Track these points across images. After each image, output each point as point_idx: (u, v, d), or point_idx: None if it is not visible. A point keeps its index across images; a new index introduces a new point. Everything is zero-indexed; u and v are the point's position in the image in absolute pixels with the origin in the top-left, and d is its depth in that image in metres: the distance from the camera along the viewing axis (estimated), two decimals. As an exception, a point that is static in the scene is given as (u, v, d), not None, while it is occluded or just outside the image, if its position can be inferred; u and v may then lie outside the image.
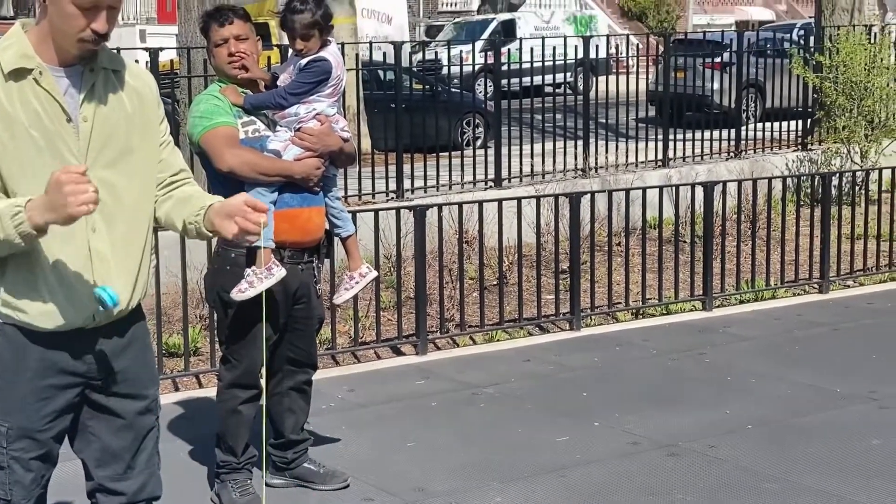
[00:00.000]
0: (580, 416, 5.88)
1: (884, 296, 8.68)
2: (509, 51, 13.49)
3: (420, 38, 29.28)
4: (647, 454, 5.33)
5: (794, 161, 12.96)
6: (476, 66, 13.13)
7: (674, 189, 8.69)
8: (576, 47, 11.93)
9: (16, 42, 2.90)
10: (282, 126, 4.57)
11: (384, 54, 12.44)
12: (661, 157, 12.33)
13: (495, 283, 8.02)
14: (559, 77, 12.29)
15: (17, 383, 2.96)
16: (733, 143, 13.12)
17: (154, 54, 8.71)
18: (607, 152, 12.03)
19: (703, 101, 13.97)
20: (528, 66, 11.71)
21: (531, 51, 11.69)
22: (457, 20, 31.61)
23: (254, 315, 4.51)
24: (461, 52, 16.28)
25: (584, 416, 5.89)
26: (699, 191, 8.46)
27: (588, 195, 8.06)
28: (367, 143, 12.45)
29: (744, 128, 13.46)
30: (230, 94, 4.51)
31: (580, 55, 12.05)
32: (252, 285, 4.44)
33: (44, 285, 2.91)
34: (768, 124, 13.63)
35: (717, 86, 14.47)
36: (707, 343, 7.34)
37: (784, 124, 13.48)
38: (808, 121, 13.64)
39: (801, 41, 14.32)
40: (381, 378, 6.68)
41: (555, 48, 11.69)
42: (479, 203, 7.60)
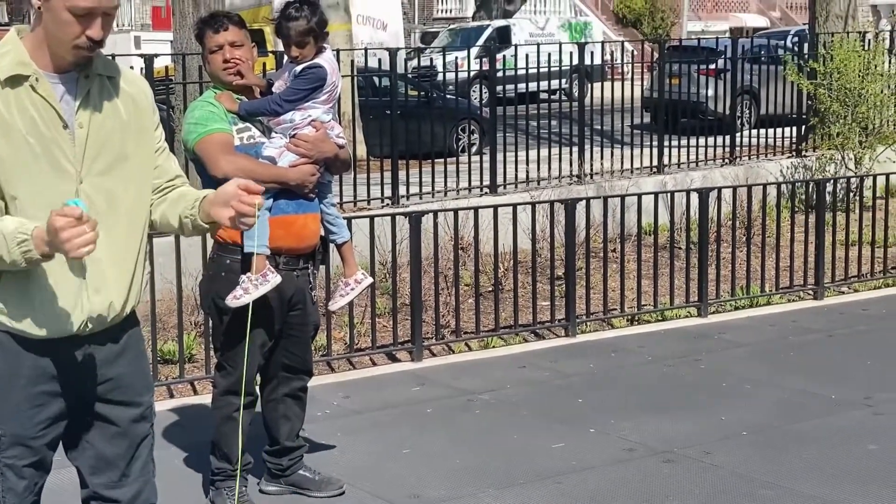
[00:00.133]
0: (576, 423, 5.88)
1: (878, 302, 8.69)
2: (504, 57, 13.53)
3: (415, 45, 29.28)
4: (643, 461, 5.32)
5: (788, 167, 12.98)
6: (471, 73, 13.15)
7: (669, 195, 8.69)
8: (571, 54, 11.98)
9: (12, 49, 2.90)
10: (277, 132, 4.57)
11: (379, 61, 12.42)
12: (656, 163, 12.35)
13: (491, 289, 8.02)
14: (554, 83, 12.32)
15: (10, 390, 2.95)
16: (728, 149, 13.15)
17: (149, 61, 8.72)
18: (602, 158, 12.03)
19: (697, 107, 13.99)
20: (524, 72, 11.73)
21: (526, 57, 11.71)
22: (452, 27, 31.59)
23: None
24: (456, 58, 16.25)
25: (580, 422, 5.89)
26: (694, 197, 8.47)
27: (583, 201, 8.06)
28: (362, 150, 12.48)
29: (738, 134, 13.48)
30: (225, 101, 4.51)
31: (575, 62, 12.07)
32: (247, 292, 4.44)
33: (37, 292, 2.90)
34: (763, 131, 13.66)
35: (711, 92, 14.51)
36: (702, 349, 7.34)
37: (778, 131, 13.50)
38: (803, 127, 13.66)
39: (796, 48, 14.35)
40: (376, 384, 6.67)
41: (550, 55, 11.71)
42: (475, 209, 7.61)
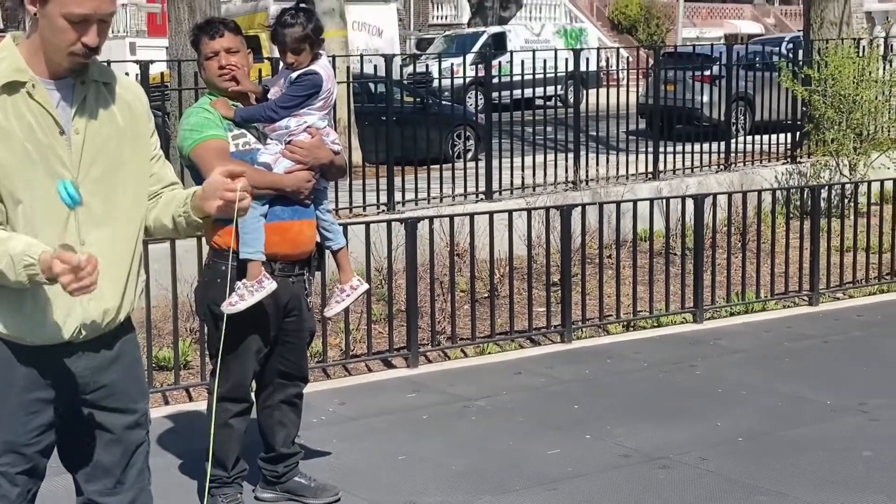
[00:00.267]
0: (571, 429, 5.88)
1: (873, 308, 8.70)
2: (500, 63, 13.54)
3: (411, 51, 29.30)
4: (638, 467, 5.32)
5: (783, 174, 13.00)
6: (466, 79, 13.15)
7: (664, 201, 8.70)
8: (566, 60, 11.97)
9: (8, 55, 2.90)
10: (272, 139, 4.57)
11: (375, 67, 12.45)
12: (651, 169, 12.35)
13: (486, 295, 8.02)
14: (550, 90, 12.32)
15: (4, 397, 2.95)
16: (723, 155, 13.16)
17: (144, 67, 8.71)
18: (598, 165, 12.04)
19: (692, 113, 14.01)
20: (519, 78, 11.74)
21: (521, 64, 11.71)
22: (447, 33, 31.67)
23: (245, 328, 4.51)
24: (452, 64, 16.32)
25: (576, 428, 5.89)
26: (689, 203, 8.48)
27: (579, 208, 8.07)
28: (357, 156, 12.48)
29: (733, 140, 13.50)
30: (221, 107, 4.51)
31: (570, 68, 12.08)
32: (243, 298, 4.44)
33: (31, 299, 2.90)
34: (758, 137, 13.67)
35: (706, 99, 14.53)
36: (698, 355, 7.34)
37: (773, 137, 13.52)
38: (798, 134, 13.67)
39: (790, 54, 14.36)
40: (372, 391, 6.67)
41: (545, 61, 11.72)
42: (471, 216, 7.61)
